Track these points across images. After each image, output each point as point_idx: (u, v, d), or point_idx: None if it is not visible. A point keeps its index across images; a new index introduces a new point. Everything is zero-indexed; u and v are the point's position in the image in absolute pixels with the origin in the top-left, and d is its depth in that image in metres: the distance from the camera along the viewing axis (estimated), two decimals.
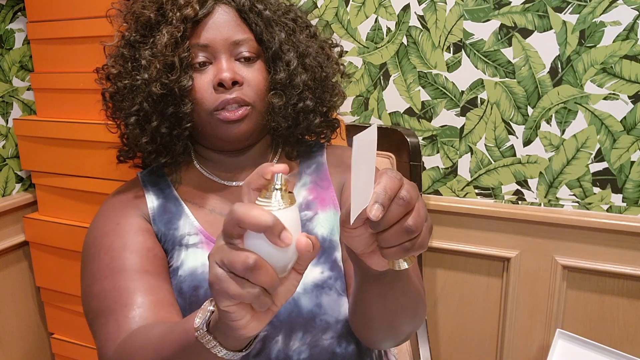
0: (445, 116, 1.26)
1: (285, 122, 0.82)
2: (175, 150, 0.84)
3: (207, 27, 0.78)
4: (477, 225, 1.28)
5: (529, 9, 1.14)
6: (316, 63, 0.84)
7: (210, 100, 0.77)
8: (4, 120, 1.33)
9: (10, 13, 1.31)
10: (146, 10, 0.79)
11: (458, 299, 1.35)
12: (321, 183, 0.86)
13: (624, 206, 1.17)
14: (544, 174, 1.21)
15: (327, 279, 0.78)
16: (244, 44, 0.79)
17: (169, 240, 0.81)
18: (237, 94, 0.77)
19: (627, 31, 1.08)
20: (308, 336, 0.76)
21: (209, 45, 0.78)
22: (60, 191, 1.26)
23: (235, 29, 0.79)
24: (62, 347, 1.37)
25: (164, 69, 0.76)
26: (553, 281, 1.23)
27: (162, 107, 0.78)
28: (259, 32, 0.80)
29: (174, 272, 0.78)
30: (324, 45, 0.89)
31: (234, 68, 0.78)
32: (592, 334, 1.22)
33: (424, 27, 1.23)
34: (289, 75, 0.81)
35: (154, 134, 0.81)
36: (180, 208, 0.83)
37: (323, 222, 0.82)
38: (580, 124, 1.16)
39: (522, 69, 1.17)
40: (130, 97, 0.79)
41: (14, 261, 1.37)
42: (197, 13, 0.77)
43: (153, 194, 0.85)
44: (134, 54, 0.79)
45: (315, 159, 0.90)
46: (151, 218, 0.82)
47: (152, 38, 0.78)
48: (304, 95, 0.82)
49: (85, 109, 1.19)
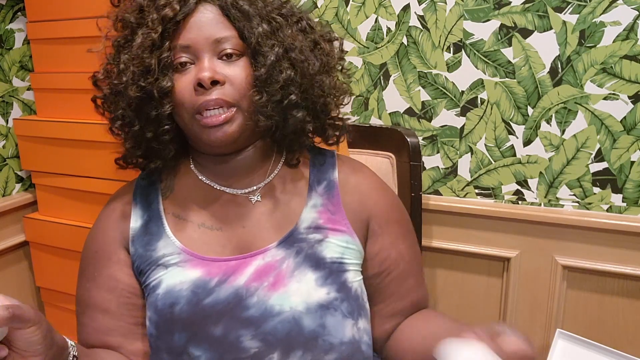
0: (445, 116, 1.26)
1: (269, 120, 0.77)
2: (164, 154, 0.82)
3: (188, 27, 0.76)
4: (477, 225, 1.28)
5: (529, 9, 1.14)
6: (302, 57, 0.79)
7: (190, 101, 0.75)
8: (4, 120, 1.33)
9: (10, 13, 1.31)
10: (129, 14, 0.78)
11: (458, 299, 1.35)
12: (332, 209, 0.83)
13: (624, 206, 1.17)
14: (544, 174, 1.21)
15: (333, 300, 0.75)
16: (226, 41, 0.76)
17: (145, 260, 0.80)
18: (217, 95, 0.74)
19: (627, 31, 1.08)
20: (308, 355, 0.74)
21: (190, 45, 0.75)
22: (60, 191, 1.26)
23: (217, 27, 0.76)
24: None
25: (141, 71, 0.75)
26: (553, 281, 1.23)
27: (144, 110, 0.77)
28: (241, 28, 0.77)
29: (152, 289, 0.78)
30: (319, 39, 0.84)
31: (214, 67, 0.75)
32: (592, 334, 1.22)
33: (424, 27, 1.23)
34: (268, 70, 0.76)
35: (137, 138, 0.80)
36: (162, 228, 0.81)
37: (333, 246, 0.79)
38: (580, 124, 1.16)
39: (522, 69, 1.17)
40: (114, 101, 0.79)
41: (14, 261, 1.37)
42: (176, 13, 0.75)
43: (140, 209, 0.84)
44: (117, 57, 0.79)
45: (326, 175, 0.86)
46: (130, 239, 0.82)
47: (132, 40, 0.77)
48: (288, 90, 0.78)
49: (85, 109, 1.18)
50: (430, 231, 1.32)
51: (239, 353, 0.73)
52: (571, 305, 1.24)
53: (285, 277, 0.76)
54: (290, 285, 0.75)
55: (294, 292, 0.74)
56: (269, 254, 0.78)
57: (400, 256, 0.84)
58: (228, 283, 0.75)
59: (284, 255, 0.77)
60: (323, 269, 0.77)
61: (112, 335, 0.79)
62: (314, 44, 0.83)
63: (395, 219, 0.86)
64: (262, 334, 0.73)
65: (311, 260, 0.77)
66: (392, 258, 0.84)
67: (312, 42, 0.83)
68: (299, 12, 0.84)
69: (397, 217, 0.87)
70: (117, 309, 0.80)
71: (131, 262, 0.82)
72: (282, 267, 0.76)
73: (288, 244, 0.78)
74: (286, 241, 0.79)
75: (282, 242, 0.79)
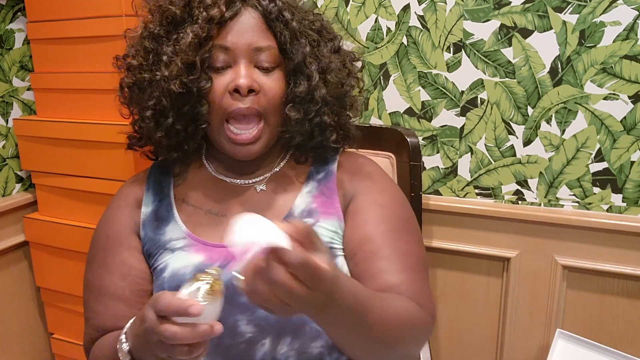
0: (445, 116, 1.26)
1: (300, 136, 0.82)
2: (188, 147, 0.85)
3: (231, 30, 0.77)
4: (477, 225, 1.28)
5: (529, 9, 1.14)
6: (337, 80, 0.82)
7: (224, 105, 0.77)
8: (4, 120, 1.33)
9: (10, 13, 1.31)
10: (173, 6, 0.78)
11: (458, 299, 1.35)
12: (327, 192, 0.85)
13: (624, 206, 1.17)
14: (544, 174, 1.21)
15: None
16: (266, 51, 0.78)
17: (155, 244, 0.83)
18: (250, 103, 0.77)
19: (627, 31, 1.08)
20: (297, 342, 0.76)
21: (230, 48, 0.77)
22: (60, 191, 1.26)
23: (259, 35, 0.78)
24: (62, 347, 1.37)
25: (185, 68, 0.76)
26: (553, 281, 1.23)
27: (179, 105, 0.79)
28: (282, 41, 0.78)
29: (159, 272, 0.81)
30: (346, 59, 0.87)
31: (252, 75, 0.77)
32: (592, 334, 1.22)
33: (424, 27, 1.23)
34: (310, 90, 0.79)
35: (169, 129, 0.81)
36: (171, 213, 0.84)
37: (323, 230, 0.81)
38: (580, 124, 1.16)
39: (522, 69, 1.17)
40: (149, 90, 0.80)
41: (14, 261, 1.37)
42: (223, 14, 0.76)
43: (152, 194, 0.87)
44: (156, 47, 0.79)
45: (326, 166, 0.88)
46: (142, 223, 0.85)
47: (176, 35, 0.78)
48: (322, 110, 0.81)
49: (85, 109, 1.19)
50: (430, 231, 1.32)
51: (235, 337, 0.75)
52: (571, 305, 1.24)
53: None
54: None
55: None
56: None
57: (367, 238, 0.80)
58: (227, 269, 0.77)
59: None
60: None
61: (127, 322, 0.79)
62: (342, 65, 0.86)
63: (378, 202, 0.84)
64: (256, 319, 0.75)
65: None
66: (356, 239, 0.81)
67: (341, 63, 0.86)
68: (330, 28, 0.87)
69: (381, 202, 0.84)
70: (131, 297, 0.81)
71: (141, 246, 0.84)
72: None
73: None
74: None
75: None
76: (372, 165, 0.91)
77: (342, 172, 0.88)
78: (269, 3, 0.78)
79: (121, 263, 0.83)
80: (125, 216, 0.86)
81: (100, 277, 0.83)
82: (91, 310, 0.83)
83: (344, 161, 0.90)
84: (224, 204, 0.84)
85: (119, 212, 0.87)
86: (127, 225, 0.86)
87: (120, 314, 0.80)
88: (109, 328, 0.80)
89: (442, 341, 1.40)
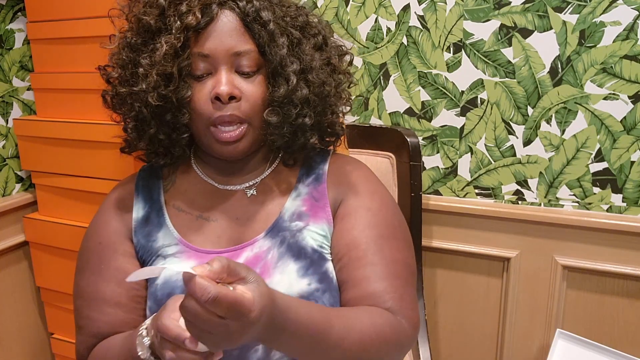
0: (445, 116, 1.26)
1: (281, 138, 0.80)
2: (174, 153, 0.84)
3: (209, 36, 0.75)
4: (477, 225, 1.28)
5: (529, 9, 1.14)
6: (319, 80, 0.80)
7: (206, 113, 0.77)
8: (4, 120, 1.33)
9: (10, 13, 1.31)
10: (147, 16, 0.76)
11: (458, 299, 1.35)
12: (317, 195, 0.84)
13: (624, 206, 1.17)
14: (544, 174, 1.21)
15: (314, 291, 0.76)
16: (246, 56, 0.76)
17: (147, 250, 0.83)
18: (232, 111, 0.76)
19: (627, 31, 1.08)
20: None
21: (209, 55, 0.75)
22: (60, 191, 1.26)
23: (237, 39, 0.76)
24: (62, 347, 1.37)
25: (162, 79, 0.75)
26: (553, 281, 1.23)
27: (160, 115, 0.78)
28: (262, 44, 0.77)
29: (153, 279, 0.80)
30: (332, 55, 0.85)
31: (232, 81, 0.76)
32: (592, 334, 1.22)
33: (424, 27, 1.23)
34: (288, 92, 0.77)
35: (152, 139, 0.81)
36: (162, 219, 0.84)
37: (313, 235, 0.80)
38: (580, 124, 1.16)
39: (522, 69, 1.17)
40: (129, 102, 0.79)
41: (14, 261, 1.37)
42: (199, 21, 0.74)
43: (142, 200, 0.86)
44: (134, 58, 0.78)
45: (316, 169, 0.87)
46: (133, 229, 0.84)
47: (152, 45, 0.76)
48: (303, 112, 0.79)
49: (85, 109, 1.19)
50: (430, 231, 1.32)
51: None
52: (571, 305, 1.24)
53: (270, 268, 0.77)
54: (274, 276, 0.77)
55: (277, 284, 0.76)
56: (257, 245, 0.80)
57: (353, 244, 0.79)
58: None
59: (270, 245, 0.79)
60: (304, 259, 0.78)
61: (125, 328, 0.80)
62: (327, 63, 0.83)
63: (366, 207, 0.83)
64: None
65: (293, 249, 0.78)
66: (343, 243, 0.80)
67: (326, 60, 0.83)
68: (314, 22, 0.85)
69: (370, 206, 0.83)
70: (128, 302, 0.81)
71: (135, 252, 0.84)
72: (268, 257, 0.78)
73: (273, 234, 0.80)
74: (272, 231, 0.81)
75: (268, 232, 0.81)
76: (363, 169, 0.89)
77: (333, 175, 0.86)
78: (247, 4, 0.76)
79: (117, 269, 0.82)
80: (117, 222, 0.85)
81: (94, 284, 0.82)
82: (86, 317, 0.82)
83: (334, 164, 0.88)
84: (215, 209, 0.84)
85: (110, 218, 0.86)
86: (119, 231, 0.84)
87: (118, 320, 0.79)
88: (106, 334, 0.80)
89: (442, 341, 1.40)
